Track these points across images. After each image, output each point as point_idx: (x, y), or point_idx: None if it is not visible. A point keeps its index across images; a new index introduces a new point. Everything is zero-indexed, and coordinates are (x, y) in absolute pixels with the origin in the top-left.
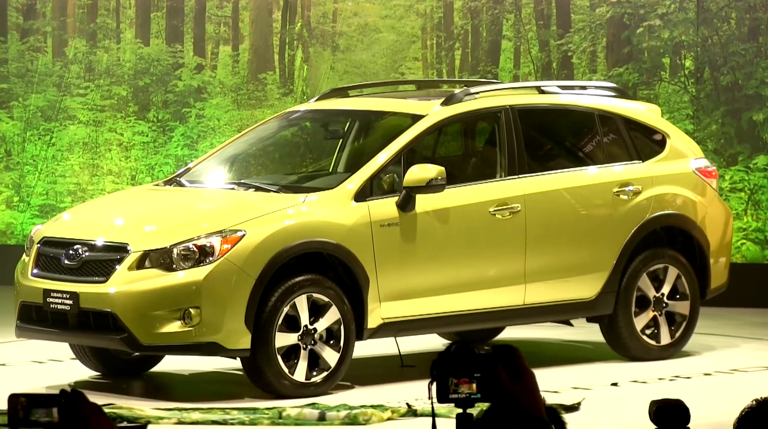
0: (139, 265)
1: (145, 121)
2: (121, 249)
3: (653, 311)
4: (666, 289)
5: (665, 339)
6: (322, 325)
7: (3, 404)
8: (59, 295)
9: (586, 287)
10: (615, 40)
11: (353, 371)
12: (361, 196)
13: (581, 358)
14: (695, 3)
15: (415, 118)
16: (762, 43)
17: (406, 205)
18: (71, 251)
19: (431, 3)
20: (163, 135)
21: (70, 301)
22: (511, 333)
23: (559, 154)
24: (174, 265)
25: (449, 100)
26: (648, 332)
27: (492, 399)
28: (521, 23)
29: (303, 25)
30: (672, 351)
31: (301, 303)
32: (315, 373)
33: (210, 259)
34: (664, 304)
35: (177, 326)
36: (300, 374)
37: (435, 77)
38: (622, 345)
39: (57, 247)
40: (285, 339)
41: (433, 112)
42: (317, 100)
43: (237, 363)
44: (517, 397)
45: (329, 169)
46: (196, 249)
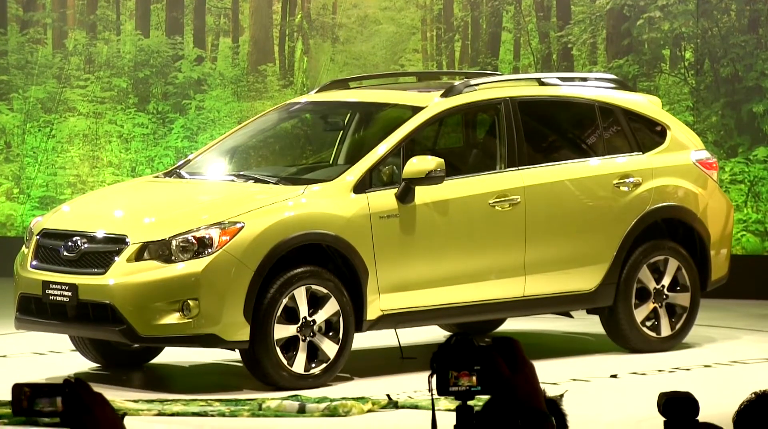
0: (138, 256)
1: (145, 113)
2: (120, 241)
3: (653, 303)
4: (666, 280)
5: (665, 331)
6: (321, 316)
7: (3, 395)
8: (58, 286)
9: (586, 279)
10: (615, 31)
11: (353, 363)
12: (361, 187)
13: (581, 350)
14: None
15: (415, 109)
16: (762, 35)
17: (405, 196)
18: (70, 243)
19: None
20: (163, 127)
21: (69, 293)
22: (512, 324)
23: (560, 145)
24: (173, 257)
25: (449, 91)
26: (648, 324)
27: (492, 391)
28: (521, 15)
29: (303, 17)
30: (672, 343)
31: (300, 295)
32: (314, 364)
33: (209, 250)
34: (664, 296)
35: (176, 318)
36: (299, 366)
37: (435, 69)
38: (622, 337)
39: (56, 238)
40: (284, 331)
41: (433, 103)
42: (318, 91)
43: (237, 354)
44: (517, 389)
45: (329, 161)
46: (194, 241)
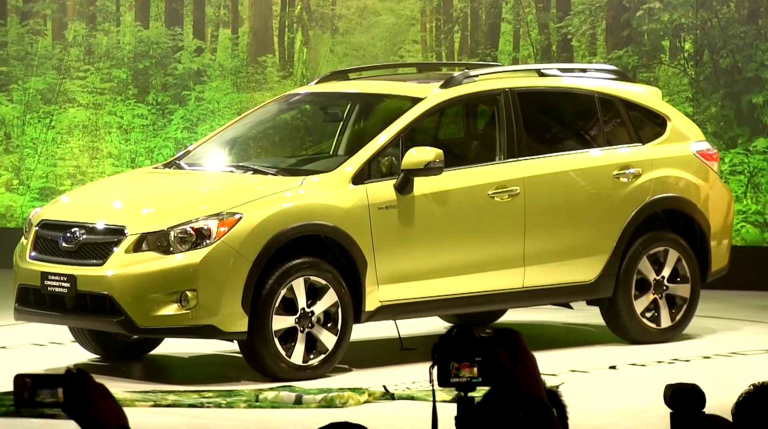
0: (136, 247)
1: (145, 104)
2: (119, 232)
3: (653, 294)
4: (666, 272)
5: (665, 322)
6: (319, 308)
7: (3, 386)
8: (57, 277)
9: (585, 270)
10: (614, 22)
11: (353, 354)
12: (359, 178)
13: (581, 341)
14: None
15: (414, 100)
16: (761, 26)
17: (404, 187)
18: (69, 234)
19: None
20: (163, 118)
21: (67, 284)
22: (512, 316)
23: (559, 137)
24: (171, 248)
25: (448, 82)
26: (648, 315)
27: (493, 382)
28: (520, 6)
29: (302, 8)
30: (672, 334)
31: (299, 286)
32: (312, 356)
33: (207, 241)
34: (664, 287)
35: (174, 309)
36: (297, 357)
37: (434, 60)
38: (622, 328)
39: (55, 229)
40: (282, 322)
41: (432, 94)
42: (317, 82)
43: (236, 346)
44: (518, 380)
45: (329, 152)
46: (193, 232)
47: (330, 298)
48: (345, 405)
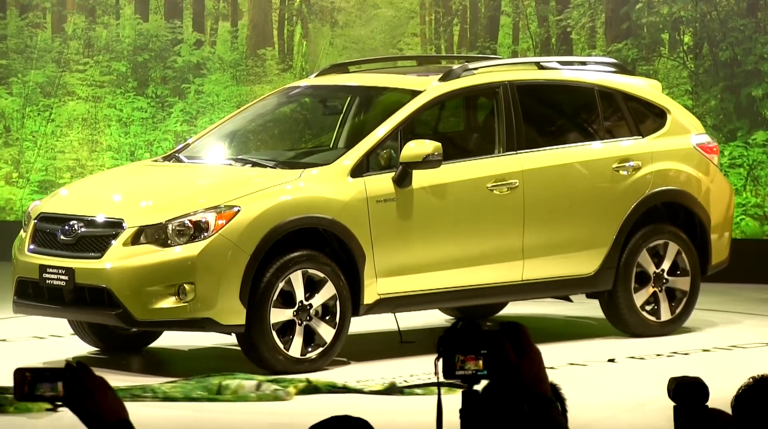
0: (134, 240)
1: (144, 97)
2: (117, 225)
3: (653, 287)
4: (666, 265)
5: (665, 315)
6: (317, 300)
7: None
8: (55, 270)
9: (585, 263)
10: (614, 15)
11: (352, 347)
12: (358, 171)
13: (581, 334)
14: None
15: (414, 93)
16: (761, 19)
17: (402, 180)
18: (67, 227)
19: None
20: (162, 111)
21: (65, 277)
22: (513, 309)
23: (559, 129)
24: (169, 241)
25: (447, 75)
26: (648, 308)
27: (498, 376)
28: None
29: (302, 1)
30: (672, 327)
31: (297, 279)
32: (310, 348)
33: (205, 234)
34: (664, 280)
35: (172, 302)
36: (295, 350)
37: (433, 53)
38: (621, 321)
39: (53, 222)
40: (280, 315)
41: (431, 87)
42: (317, 75)
43: (235, 338)
44: (523, 374)
45: (329, 145)
46: (191, 224)
47: (328, 291)
48: (285, 398)
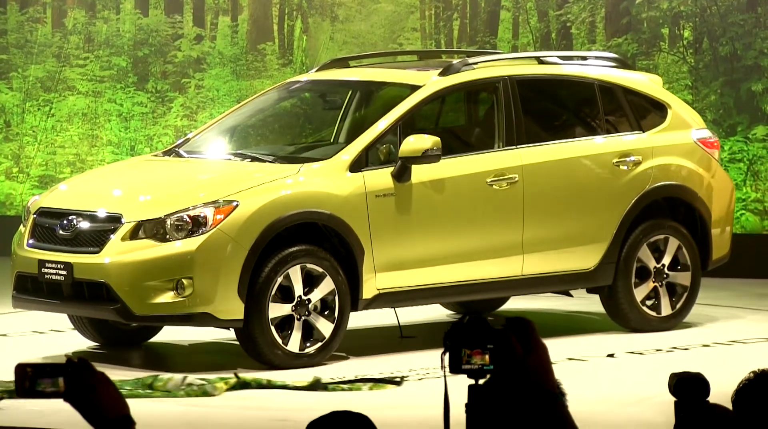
0: (133, 235)
1: (145, 92)
2: (115, 219)
3: (654, 282)
4: (667, 260)
5: (666, 310)
6: (316, 295)
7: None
8: (53, 265)
9: (585, 258)
10: (614, 10)
11: (352, 342)
12: (357, 166)
13: (582, 329)
14: None
15: (413, 88)
16: (761, 14)
17: (401, 175)
18: (66, 222)
19: None
20: (162, 106)
21: (64, 272)
22: (513, 303)
23: (559, 124)
24: (167, 236)
25: (447, 70)
26: (649, 303)
27: (504, 370)
28: None
29: None
30: (673, 322)
31: (295, 273)
32: (309, 343)
33: (203, 229)
34: (664, 275)
35: (170, 297)
36: (294, 345)
37: (433, 48)
38: (622, 316)
39: (52, 217)
40: (279, 309)
41: (430, 82)
42: (317, 70)
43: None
44: (529, 369)
45: (330, 140)
46: (189, 219)
47: (327, 286)
48: (215, 392)
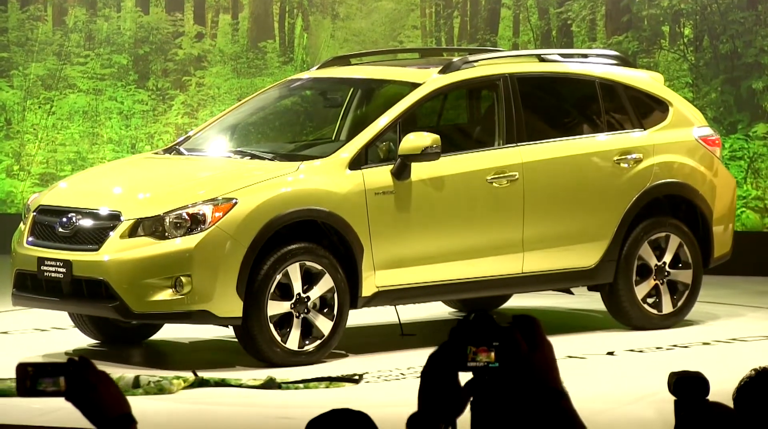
0: (132, 233)
1: (145, 90)
2: (114, 217)
3: (655, 280)
4: (668, 257)
5: (667, 308)
6: (315, 293)
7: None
8: (53, 263)
9: (585, 255)
10: (614, 8)
11: (352, 340)
12: (356, 164)
13: (583, 327)
14: None
15: (413, 86)
16: (761, 11)
17: (401, 173)
18: (65, 219)
19: None
20: (163, 103)
21: (63, 270)
22: (515, 301)
23: (559, 122)
24: (166, 233)
25: (447, 68)
26: (650, 301)
27: (510, 368)
28: None
29: None
30: (674, 320)
31: (294, 271)
32: (308, 341)
33: (202, 227)
34: (665, 273)
35: (168, 294)
36: (293, 342)
37: (434, 45)
38: (623, 314)
39: (52, 215)
40: (278, 307)
41: (431, 80)
42: (318, 68)
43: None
44: (534, 366)
45: (331, 138)
46: (188, 217)
47: (326, 284)
48: (172, 390)
